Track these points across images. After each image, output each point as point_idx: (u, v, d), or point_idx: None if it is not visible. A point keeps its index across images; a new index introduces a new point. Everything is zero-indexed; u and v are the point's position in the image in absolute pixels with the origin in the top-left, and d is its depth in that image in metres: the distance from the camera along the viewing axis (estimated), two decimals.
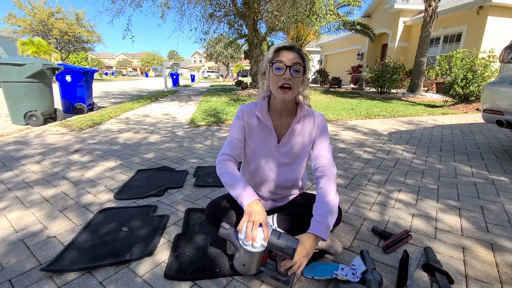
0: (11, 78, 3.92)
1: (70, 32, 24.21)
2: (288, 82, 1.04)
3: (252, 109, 1.19)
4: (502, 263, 1.14)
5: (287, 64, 1.03)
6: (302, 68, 1.06)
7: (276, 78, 1.05)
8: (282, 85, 1.05)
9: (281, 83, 1.04)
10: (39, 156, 2.69)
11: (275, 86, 1.06)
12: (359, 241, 1.30)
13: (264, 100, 1.18)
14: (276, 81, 1.05)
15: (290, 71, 1.03)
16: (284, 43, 1.08)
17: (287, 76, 1.03)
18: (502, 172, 2.25)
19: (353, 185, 1.98)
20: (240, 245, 0.93)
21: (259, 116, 1.16)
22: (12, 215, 1.56)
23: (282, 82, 1.04)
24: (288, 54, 1.04)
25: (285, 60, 1.03)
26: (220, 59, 39.96)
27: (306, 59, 1.08)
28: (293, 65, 1.03)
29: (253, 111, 1.18)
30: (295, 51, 1.05)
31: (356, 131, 3.91)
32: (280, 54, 1.05)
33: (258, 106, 1.18)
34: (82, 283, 1.04)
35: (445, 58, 7.34)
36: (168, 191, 1.88)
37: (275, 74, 1.04)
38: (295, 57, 1.04)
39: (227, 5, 9.96)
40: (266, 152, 1.21)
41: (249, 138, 1.22)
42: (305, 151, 1.23)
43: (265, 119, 1.16)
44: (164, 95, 10.07)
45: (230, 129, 1.23)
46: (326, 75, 15.44)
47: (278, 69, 1.04)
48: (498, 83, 2.65)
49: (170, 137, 3.57)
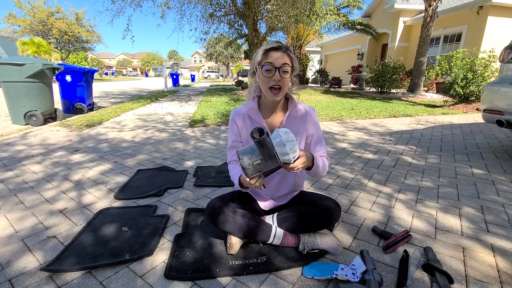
0: (11, 78, 3.92)
1: (70, 32, 24.20)
2: (278, 84, 1.06)
3: (243, 111, 1.21)
4: (502, 263, 1.14)
5: (276, 66, 1.05)
6: (291, 68, 1.08)
7: (266, 80, 1.07)
8: (272, 86, 1.07)
9: (271, 84, 1.07)
10: (39, 156, 2.69)
11: (265, 87, 1.09)
12: (359, 241, 1.30)
13: (254, 100, 1.20)
14: (267, 82, 1.07)
15: (279, 72, 1.05)
16: (272, 44, 1.09)
17: (277, 77, 1.05)
18: (502, 172, 2.25)
19: (353, 185, 1.98)
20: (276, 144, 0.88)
21: (251, 115, 1.18)
22: (12, 215, 1.56)
23: (272, 83, 1.06)
24: (276, 54, 1.06)
25: (274, 62, 1.05)
26: (220, 59, 39.98)
27: (294, 58, 1.10)
28: (282, 66, 1.05)
29: (244, 113, 1.21)
30: (282, 51, 1.07)
31: (356, 130, 3.91)
32: (269, 55, 1.06)
33: (249, 107, 1.20)
34: (82, 283, 1.04)
35: (445, 58, 7.34)
36: (168, 191, 1.88)
37: (265, 76, 1.06)
38: (283, 58, 1.06)
39: (227, 5, 9.96)
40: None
41: (244, 141, 1.23)
42: (299, 145, 1.23)
43: (257, 118, 1.18)
44: (164, 95, 10.07)
45: (228, 137, 1.27)
46: (326, 75, 15.44)
47: (267, 71, 1.06)
48: (498, 83, 2.65)
49: (170, 137, 3.57)
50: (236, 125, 1.23)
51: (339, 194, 1.82)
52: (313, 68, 18.18)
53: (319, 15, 10.27)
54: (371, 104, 6.87)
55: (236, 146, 1.23)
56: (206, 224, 1.42)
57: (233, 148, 1.25)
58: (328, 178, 2.11)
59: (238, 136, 1.24)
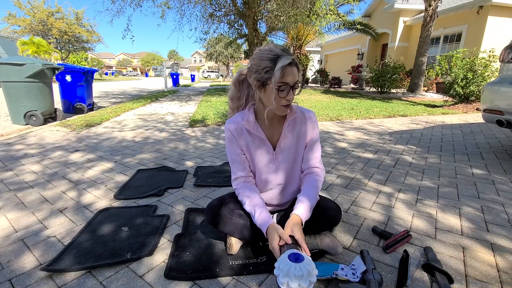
0: (11, 78, 3.92)
1: (70, 31, 24.19)
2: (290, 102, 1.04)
3: (240, 123, 1.14)
4: (502, 263, 1.14)
5: (291, 85, 1.00)
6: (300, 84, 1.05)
7: (279, 100, 1.02)
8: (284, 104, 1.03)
9: (284, 104, 1.03)
10: (39, 156, 2.69)
11: (277, 105, 1.03)
12: (359, 241, 1.30)
13: (249, 110, 1.14)
14: (279, 101, 1.02)
15: (292, 91, 1.02)
16: (287, 58, 0.98)
17: (291, 97, 1.02)
18: (502, 172, 2.25)
19: (353, 185, 1.98)
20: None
21: (249, 129, 1.13)
22: (12, 215, 1.56)
23: (285, 102, 1.02)
24: (290, 72, 0.99)
25: (289, 81, 0.99)
26: (220, 59, 39.98)
27: (300, 70, 1.05)
28: (295, 84, 1.01)
29: (241, 125, 1.14)
30: (295, 65, 1.01)
31: (356, 130, 3.91)
32: (285, 73, 0.98)
33: (245, 119, 1.13)
34: (82, 283, 1.04)
35: (445, 58, 7.34)
36: (168, 191, 1.88)
37: (280, 96, 1.01)
38: (295, 74, 1.01)
39: (227, 5, 9.96)
40: (264, 163, 1.19)
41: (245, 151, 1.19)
42: (301, 153, 1.22)
43: (256, 131, 1.13)
44: (164, 95, 10.07)
45: (227, 151, 1.20)
46: (326, 75, 15.46)
47: (282, 91, 1.00)
48: (498, 83, 2.65)
49: (170, 137, 3.57)
50: (234, 137, 1.15)
51: (339, 194, 1.82)
52: (313, 68, 18.19)
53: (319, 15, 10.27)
54: (371, 104, 6.87)
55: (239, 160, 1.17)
56: (206, 224, 1.42)
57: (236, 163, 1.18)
58: (328, 178, 2.11)
59: (239, 148, 1.17)
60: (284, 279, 0.76)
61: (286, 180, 1.23)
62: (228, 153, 1.20)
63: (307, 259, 0.81)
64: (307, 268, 0.77)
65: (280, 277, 0.77)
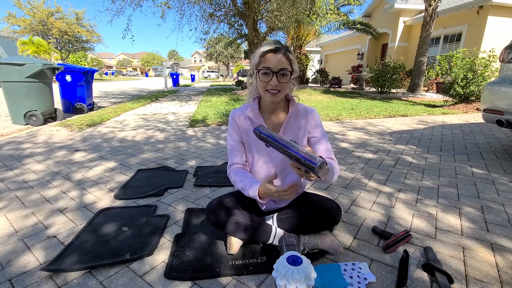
0: (11, 78, 3.92)
1: (70, 31, 24.19)
2: (275, 88, 1.04)
3: (244, 112, 1.19)
4: (502, 263, 1.14)
5: (274, 70, 1.01)
6: (289, 72, 1.04)
7: (263, 84, 1.05)
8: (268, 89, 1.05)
9: (268, 88, 1.05)
10: (39, 156, 2.69)
11: (262, 90, 1.07)
12: (359, 241, 1.30)
13: (254, 101, 1.18)
14: (263, 86, 1.05)
15: (276, 76, 1.02)
16: (270, 45, 1.04)
17: (274, 83, 1.02)
18: (502, 172, 2.25)
19: (353, 185, 1.98)
20: None
21: (251, 117, 1.16)
22: (12, 215, 1.56)
23: (269, 87, 1.04)
24: (274, 58, 1.01)
25: (271, 66, 1.01)
26: (220, 59, 39.99)
27: (293, 61, 1.06)
28: (279, 70, 1.02)
29: (244, 114, 1.19)
30: (281, 53, 1.03)
31: (356, 130, 3.91)
32: (266, 58, 1.02)
33: (249, 108, 1.18)
34: (82, 283, 1.04)
35: (445, 58, 7.33)
36: (168, 191, 1.88)
37: (262, 80, 1.04)
38: (281, 62, 1.02)
39: (227, 5, 9.95)
40: (264, 152, 1.21)
41: (245, 142, 1.22)
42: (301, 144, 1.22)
43: (258, 120, 1.16)
44: (164, 95, 10.07)
45: (227, 138, 1.25)
46: (326, 75, 15.43)
47: (264, 75, 1.03)
48: (498, 83, 2.65)
49: (170, 137, 3.57)
50: (237, 125, 1.21)
51: (339, 194, 1.82)
52: (313, 68, 18.17)
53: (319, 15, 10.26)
54: (371, 104, 6.87)
55: (237, 148, 1.22)
56: (206, 224, 1.42)
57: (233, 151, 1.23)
58: None
59: (239, 136, 1.22)
60: (281, 282, 0.76)
61: (284, 168, 1.23)
62: (228, 141, 1.24)
63: (305, 261, 0.81)
64: (305, 271, 0.77)
65: (278, 280, 0.77)
